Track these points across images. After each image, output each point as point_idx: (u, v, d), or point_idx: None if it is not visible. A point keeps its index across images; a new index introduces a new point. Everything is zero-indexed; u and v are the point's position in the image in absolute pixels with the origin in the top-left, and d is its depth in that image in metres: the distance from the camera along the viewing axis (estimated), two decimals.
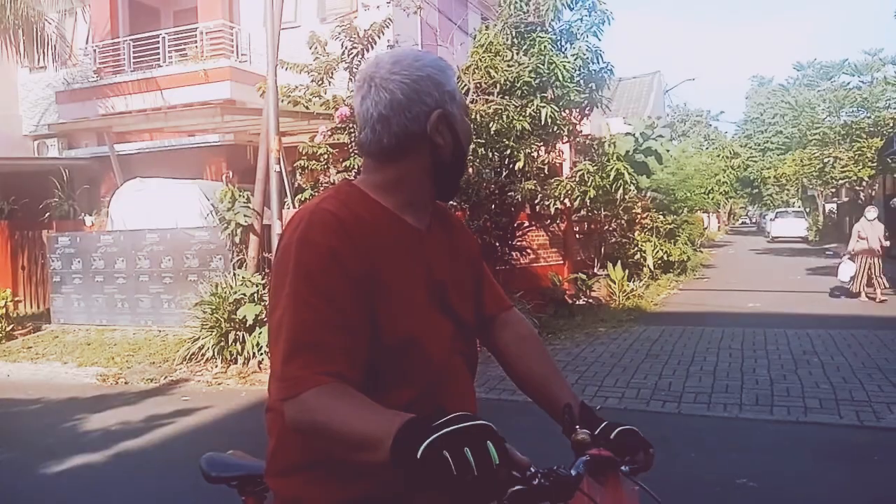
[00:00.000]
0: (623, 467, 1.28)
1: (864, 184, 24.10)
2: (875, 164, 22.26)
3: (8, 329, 9.45)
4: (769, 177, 32.35)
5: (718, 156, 30.29)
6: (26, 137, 15.87)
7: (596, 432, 1.32)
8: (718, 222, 46.71)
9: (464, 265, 1.47)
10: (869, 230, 11.77)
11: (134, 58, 14.62)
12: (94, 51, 15.06)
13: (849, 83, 25.04)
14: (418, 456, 0.97)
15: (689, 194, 18.13)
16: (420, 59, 1.31)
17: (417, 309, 1.29)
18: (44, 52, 12.13)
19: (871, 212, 12.19)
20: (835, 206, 33.63)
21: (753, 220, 63.69)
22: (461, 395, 1.37)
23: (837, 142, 23.92)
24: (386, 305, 1.24)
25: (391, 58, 1.31)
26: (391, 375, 1.25)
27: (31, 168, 13.32)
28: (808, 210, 38.59)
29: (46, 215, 11.62)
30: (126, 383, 7.25)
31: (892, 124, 21.85)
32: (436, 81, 1.29)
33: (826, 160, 24.52)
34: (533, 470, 1.11)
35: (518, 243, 9.69)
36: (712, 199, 24.45)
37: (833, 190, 32.93)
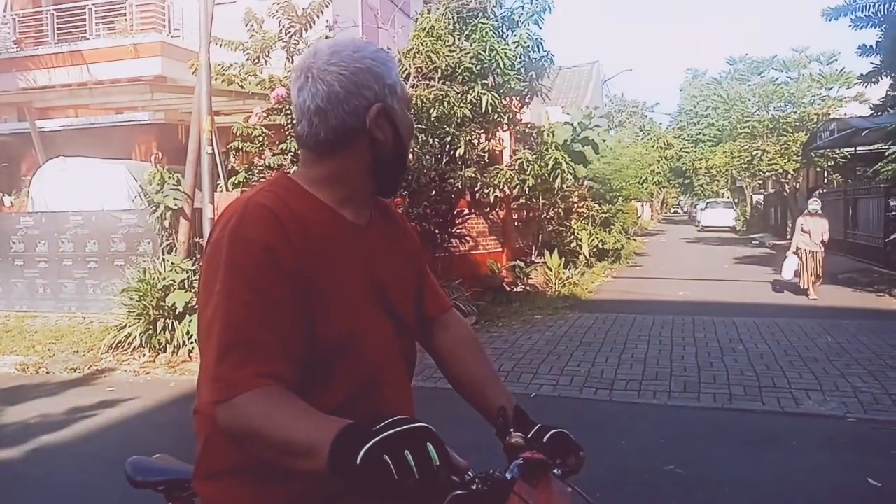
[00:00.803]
0: (555, 470, 1.29)
1: (789, 176, 25.08)
2: (800, 158, 23.19)
3: None
4: (701, 168, 33.32)
5: (653, 146, 31.06)
6: None
7: (529, 435, 1.32)
8: (652, 211, 48.00)
9: (405, 264, 1.44)
10: (811, 224, 11.04)
11: (58, 29, 13.92)
12: (14, 19, 14.28)
13: (777, 79, 25.91)
14: (358, 462, 0.95)
15: (624, 184, 18.53)
16: (360, 51, 1.26)
17: (355, 307, 1.26)
18: None
19: (814, 203, 11.38)
20: (762, 197, 34.94)
21: (685, 210, 65.66)
22: (398, 395, 1.35)
23: (765, 135, 24.79)
24: (323, 303, 1.20)
25: (330, 48, 1.26)
26: (327, 374, 1.22)
27: None
28: (736, 201, 40.03)
29: None
30: (47, 373, 6.93)
31: (815, 120, 22.77)
32: (376, 74, 1.25)
33: (754, 153, 25.39)
34: (471, 474, 1.10)
35: (458, 231, 9.70)
36: (646, 188, 25.05)
37: (760, 182, 34.23)
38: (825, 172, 23.56)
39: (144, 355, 7.11)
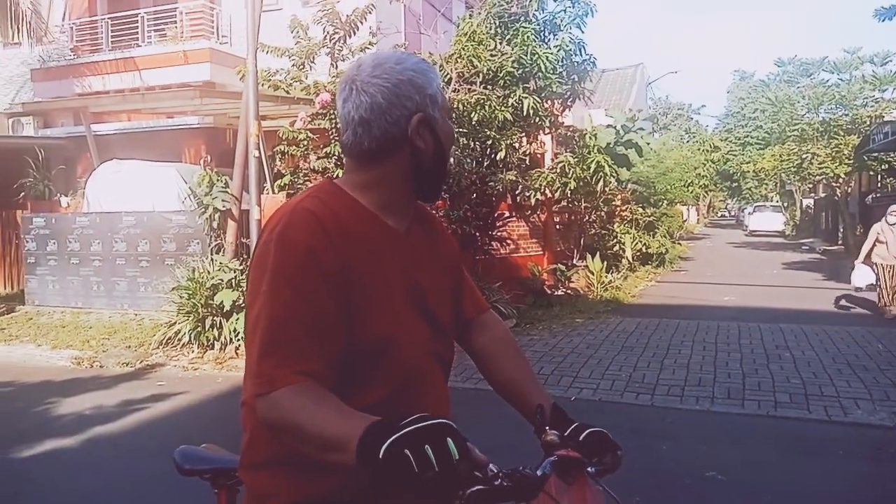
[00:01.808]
0: (589, 468, 1.29)
1: (840, 180, 24.39)
2: (851, 162, 22.53)
3: None
4: (748, 171, 32.57)
5: (699, 149, 30.51)
6: (1, 115, 15.57)
7: (566, 433, 1.34)
8: (698, 215, 47.17)
9: (443, 268, 1.49)
10: (889, 235, 9.87)
11: (112, 37, 14.38)
12: (71, 28, 14.79)
13: (828, 80, 25.21)
14: (380, 455, 1.00)
15: (668, 187, 18.26)
16: (402, 63, 1.32)
17: (393, 310, 1.30)
18: (18, 28, 11.89)
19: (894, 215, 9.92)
20: (812, 201, 34.04)
21: (732, 214, 64.33)
22: (435, 396, 1.38)
23: (816, 138, 24.12)
24: (361, 305, 1.25)
25: (373, 61, 1.32)
26: (364, 375, 1.27)
27: (5, 146, 13.05)
28: (785, 205, 39.06)
29: (21, 195, 11.42)
30: (101, 367, 7.19)
31: (868, 122, 22.08)
32: (417, 85, 1.30)
33: (804, 156, 24.73)
34: (494, 470, 1.12)
35: (498, 233, 9.72)
36: (692, 192, 24.64)
37: (810, 186, 33.33)
38: (878, 176, 22.83)
39: (193, 351, 7.31)
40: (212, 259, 8.02)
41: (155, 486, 3.90)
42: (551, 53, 8.96)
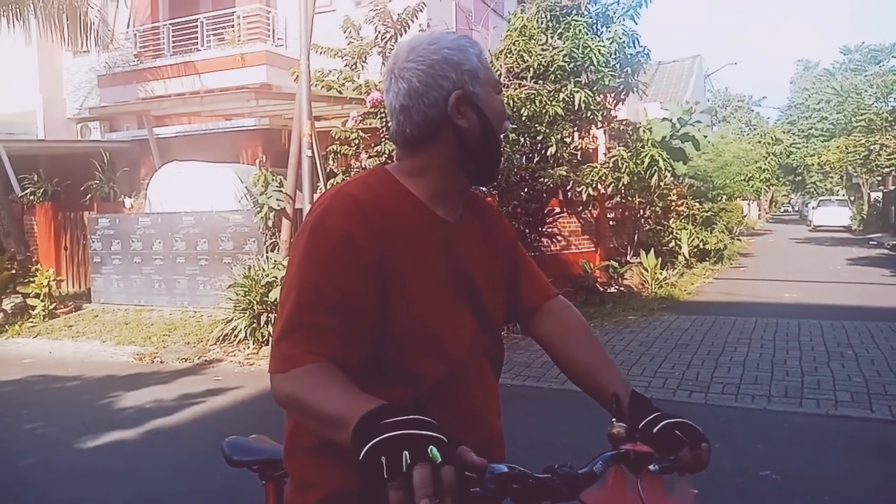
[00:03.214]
0: (652, 465, 1.17)
1: None
2: None
3: (51, 307, 9.74)
4: (812, 164, 31.54)
5: (759, 142, 29.61)
6: (70, 120, 16.26)
7: (641, 425, 1.24)
8: (759, 210, 45.84)
9: (498, 260, 1.43)
10: None
11: (173, 42, 14.85)
12: (135, 35, 15.33)
13: None
14: (360, 458, 0.94)
15: (727, 181, 17.81)
16: (436, 42, 1.27)
17: (435, 301, 1.25)
18: (87, 37, 12.37)
19: None
20: (880, 194, 32.67)
21: (796, 209, 62.30)
22: (481, 392, 1.34)
23: (885, 128, 23.20)
24: (400, 296, 1.21)
25: (408, 45, 1.29)
26: (401, 366, 1.23)
27: (74, 150, 13.64)
28: (852, 199, 37.60)
29: (88, 197, 11.92)
30: (161, 362, 7.45)
31: None
32: (453, 63, 1.25)
33: (872, 147, 23.81)
34: (506, 469, 1.00)
35: (548, 230, 9.65)
36: (752, 186, 23.98)
37: (879, 178, 31.99)
38: None
39: (249, 347, 7.50)
40: (267, 257, 8.21)
41: (209, 477, 4.03)
42: (603, 46, 8.83)
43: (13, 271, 9.94)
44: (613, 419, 1.25)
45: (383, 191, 1.26)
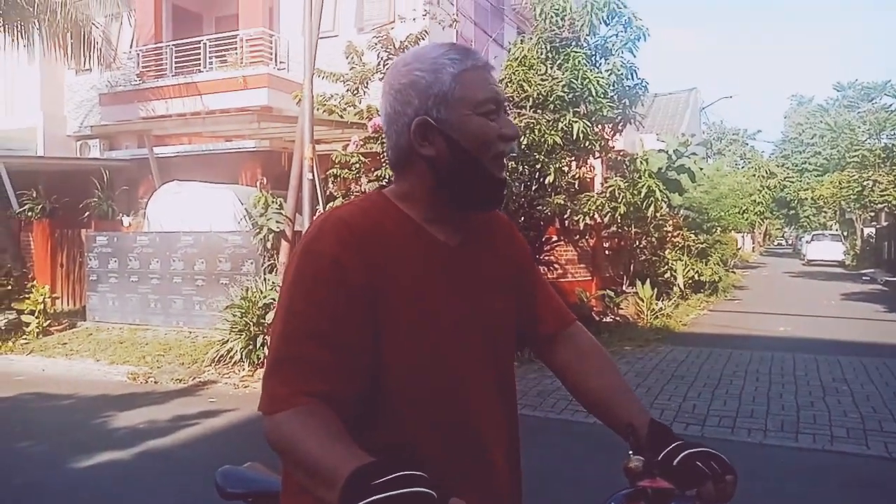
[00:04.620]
0: (673, 502, 1.10)
1: None
2: None
3: (45, 325, 9.70)
4: (806, 198, 31.81)
5: (754, 175, 29.88)
6: (70, 138, 16.30)
7: (660, 457, 1.16)
8: (753, 243, 46.07)
9: (509, 281, 1.34)
10: None
11: (176, 62, 14.95)
12: (138, 55, 15.44)
13: (891, 105, 24.53)
14: None
15: (722, 213, 17.93)
16: (409, 64, 1.20)
17: (435, 331, 1.18)
18: (90, 55, 12.46)
19: None
20: (873, 230, 32.91)
21: (789, 242, 62.66)
22: (490, 430, 1.25)
23: (877, 165, 23.46)
24: (393, 324, 1.14)
25: (395, 62, 1.25)
26: (399, 398, 1.16)
27: (73, 168, 13.66)
28: (845, 233, 37.85)
29: (86, 215, 11.90)
30: (155, 382, 7.40)
31: None
32: (420, 87, 1.17)
33: (865, 183, 24.06)
34: None
35: (546, 258, 9.69)
36: (747, 218, 24.12)
37: (872, 214, 32.27)
38: None
39: (244, 369, 7.47)
40: (264, 279, 8.21)
41: (202, 501, 3.99)
42: (602, 78, 8.96)
43: (8, 287, 9.91)
44: (630, 451, 1.16)
45: (379, 215, 1.20)
